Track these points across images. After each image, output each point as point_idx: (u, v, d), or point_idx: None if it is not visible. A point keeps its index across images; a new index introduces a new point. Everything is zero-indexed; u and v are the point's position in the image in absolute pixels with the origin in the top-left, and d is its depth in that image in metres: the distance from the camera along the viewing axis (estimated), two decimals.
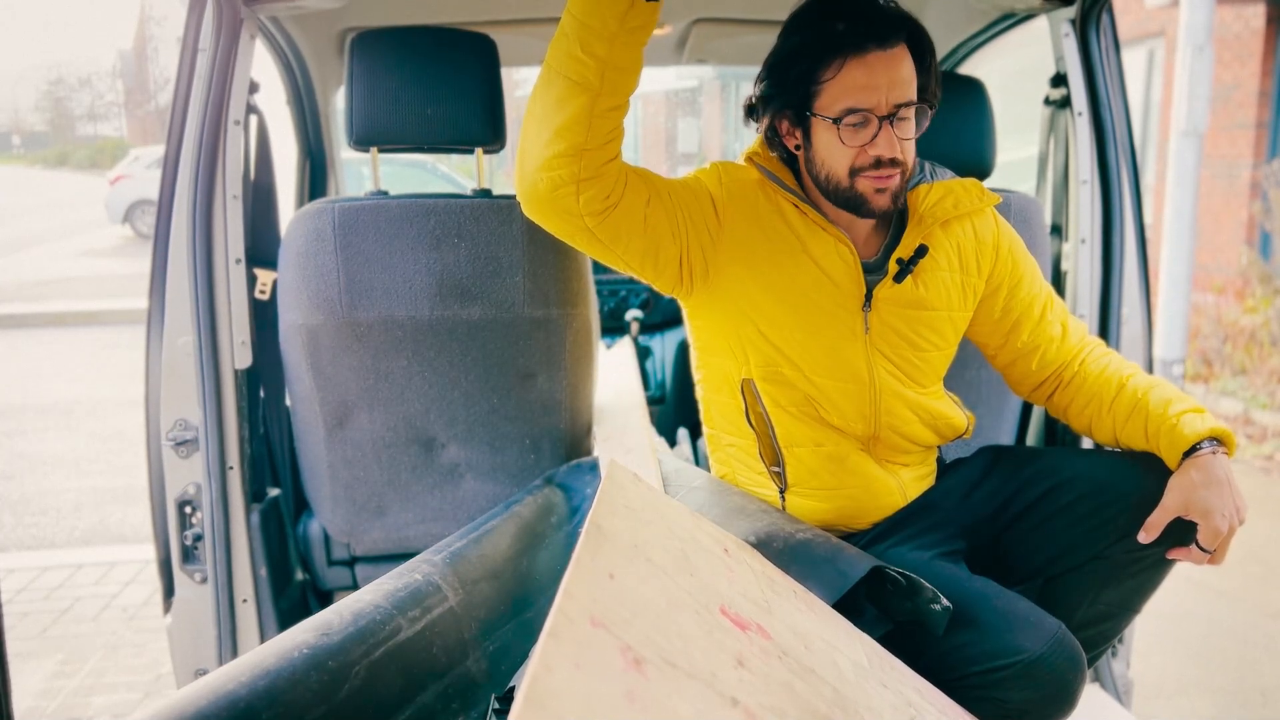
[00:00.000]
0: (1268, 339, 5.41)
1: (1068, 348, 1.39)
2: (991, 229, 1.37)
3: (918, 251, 1.30)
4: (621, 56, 1.03)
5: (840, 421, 1.32)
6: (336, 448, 1.65)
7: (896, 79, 1.17)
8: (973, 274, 1.35)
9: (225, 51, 1.51)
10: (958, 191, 1.33)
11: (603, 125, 1.07)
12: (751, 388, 1.33)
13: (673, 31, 2.30)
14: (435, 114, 1.54)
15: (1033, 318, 1.38)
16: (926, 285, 1.31)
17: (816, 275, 1.28)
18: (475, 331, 1.61)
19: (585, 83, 1.04)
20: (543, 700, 0.55)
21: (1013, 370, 1.43)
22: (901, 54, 1.18)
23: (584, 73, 1.04)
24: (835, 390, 1.31)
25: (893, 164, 1.20)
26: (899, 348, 1.32)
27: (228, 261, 1.53)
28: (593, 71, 1.03)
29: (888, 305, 1.30)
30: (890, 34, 1.16)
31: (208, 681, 0.97)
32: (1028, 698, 1.11)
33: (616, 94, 1.06)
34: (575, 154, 1.07)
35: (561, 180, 1.09)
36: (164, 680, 2.42)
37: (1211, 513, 1.17)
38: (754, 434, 1.37)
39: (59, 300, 8.83)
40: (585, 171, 1.08)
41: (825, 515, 1.36)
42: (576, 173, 1.08)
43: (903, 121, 1.20)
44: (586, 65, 1.03)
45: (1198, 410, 1.25)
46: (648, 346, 2.72)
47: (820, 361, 1.30)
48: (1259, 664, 2.54)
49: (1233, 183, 6.78)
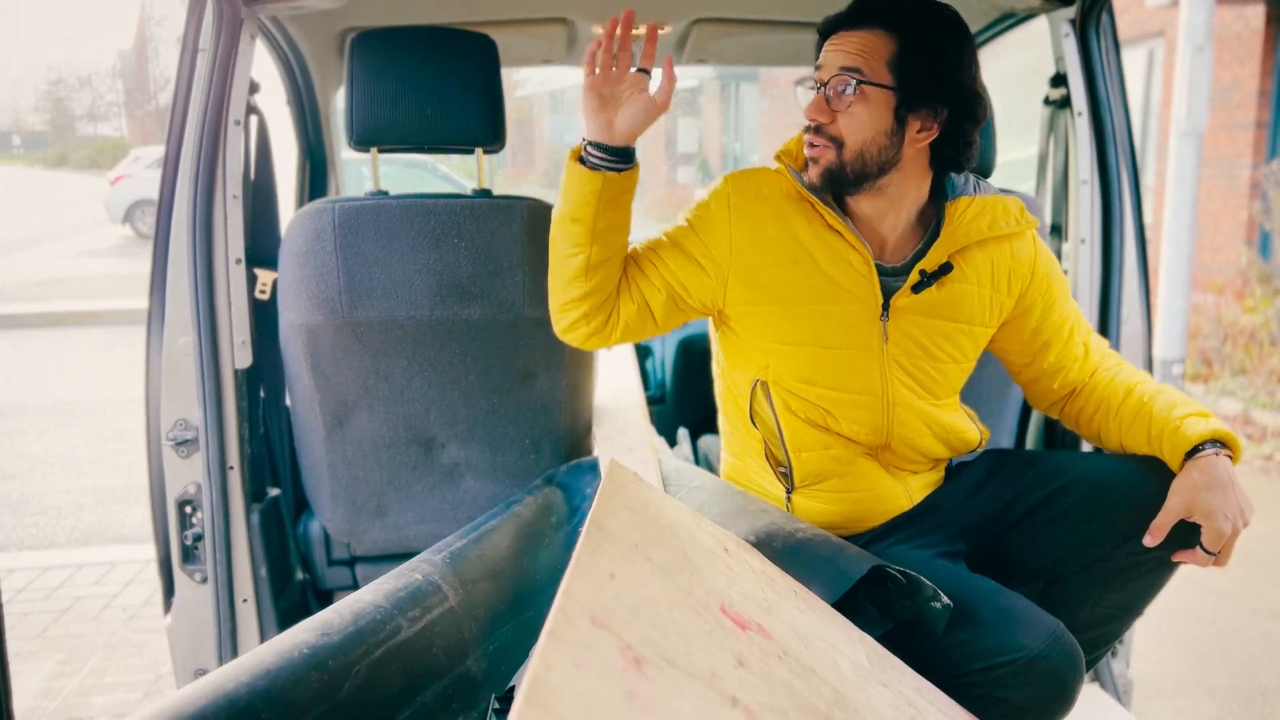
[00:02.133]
0: (1267, 339, 5.41)
1: (1088, 366, 1.39)
2: (1029, 250, 1.36)
3: (942, 268, 1.29)
4: (604, 221, 1.24)
5: (850, 431, 1.32)
6: (336, 447, 1.65)
7: (842, 52, 1.22)
8: (1003, 292, 1.34)
9: (225, 52, 1.51)
10: (996, 210, 1.31)
11: (597, 275, 1.27)
12: (764, 391, 1.34)
13: (672, 31, 2.30)
14: (435, 114, 1.54)
15: (1061, 339, 1.38)
16: (950, 295, 1.30)
17: (826, 287, 1.28)
18: (475, 331, 1.61)
19: (579, 244, 1.25)
20: (543, 700, 0.55)
21: (1035, 386, 1.43)
22: (865, 35, 1.21)
23: (576, 237, 1.25)
24: (847, 401, 1.31)
25: (816, 131, 1.24)
26: (916, 358, 1.31)
27: (228, 261, 1.53)
28: (583, 234, 1.24)
29: (906, 314, 1.29)
30: (863, 19, 1.22)
31: (208, 681, 0.97)
32: (1026, 695, 1.11)
33: (606, 250, 1.26)
34: (579, 299, 1.30)
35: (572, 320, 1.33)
36: (164, 680, 2.42)
37: (1214, 514, 1.16)
38: (759, 435, 1.37)
39: (59, 300, 8.83)
40: (588, 308, 1.31)
41: (830, 517, 1.36)
42: (585, 310, 1.31)
43: (839, 93, 1.21)
44: (577, 232, 1.25)
45: (1202, 414, 1.25)
46: (648, 346, 2.72)
47: (833, 374, 1.30)
48: (1259, 664, 2.54)
49: (1232, 183, 6.78)
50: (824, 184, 1.25)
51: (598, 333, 1.33)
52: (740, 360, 1.37)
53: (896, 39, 1.20)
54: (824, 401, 1.31)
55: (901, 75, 1.20)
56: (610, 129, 1.21)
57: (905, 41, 1.20)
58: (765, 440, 1.36)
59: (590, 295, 1.28)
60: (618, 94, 1.21)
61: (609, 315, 1.32)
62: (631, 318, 1.32)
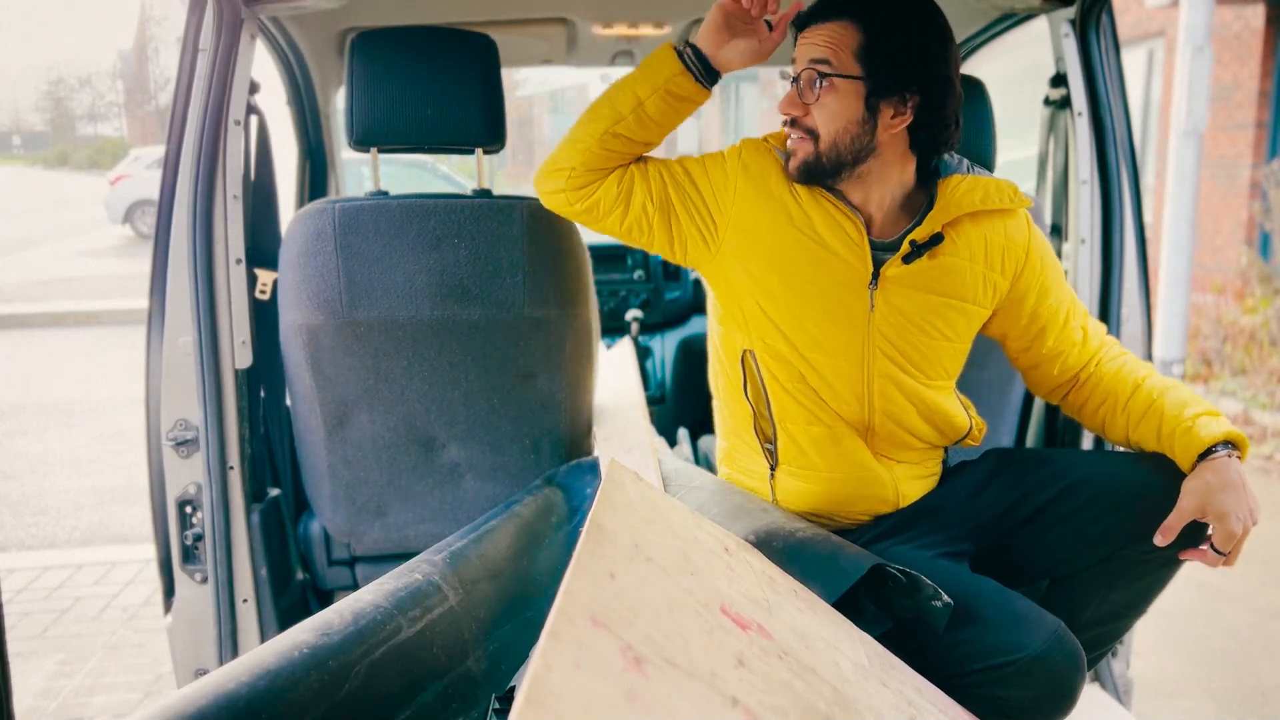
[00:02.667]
0: (1267, 339, 5.41)
1: (1088, 351, 1.39)
2: (1024, 232, 1.36)
3: (934, 238, 1.30)
4: (654, 108, 1.28)
5: (834, 401, 1.33)
6: (337, 448, 1.65)
7: (816, 44, 1.25)
8: (996, 270, 1.34)
9: (225, 51, 1.51)
10: (990, 187, 1.33)
11: (610, 144, 1.30)
12: (751, 359, 1.35)
13: (672, 31, 2.30)
14: (435, 114, 1.54)
15: (1058, 324, 1.38)
16: (942, 269, 1.31)
17: (818, 251, 1.29)
18: (475, 331, 1.61)
19: (616, 109, 1.29)
20: (543, 700, 0.55)
21: (1034, 373, 1.43)
22: (832, 26, 1.24)
23: (621, 100, 1.29)
24: (827, 367, 1.31)
25: (792, 124, 1.28)
26: (906, 331, 1.31)
27: (228, 261, 1.53)
28: (627, 104, 1.28)
29: (896, 286, 1.30)
30: (831, 11, 1.25)
31: (208, 681, 0.97)
32: (1028, 695, 1.11)
33: (632, 132, 1.29)
34: (580, 162, 1.32)
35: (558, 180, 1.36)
36: (164, 680, 2.42)
37: (1227, 515, 1.17)
38: (750, 409, 1.37)
39: (59, 300, 8.83)
40: (578, 168, 1.33)
41: (813, 499, 1.36)
42: (571, 167, 1.33)
43: (810, 85, 1.25)
44: (626, 97, 1.29)
45: (1213, 413, 1.25)
46: (648, 346, 2.72)
47: (814, 337, 1.31)
48: (1259, 664, 2.54)
49: (1232, 183, 6.78)
50: (801, 178, 1.30)
51: (566, 193, 1.36)
52: (730, 321, 1.38)
53: (862, 29, 1.23)
54: (804, 368, 1.32)
55: (869, 65, 1.23)
56: (719, 47, 1.28)
57: (871, 31, 1.22)
58: (754, 412, 1.37)
59: (588, 161, 1.32)
60: (741, 24, 1.28)
61: (589, 184, 1.34)
62: (606, 199, 1.34)
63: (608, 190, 1.34)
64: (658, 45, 1.34)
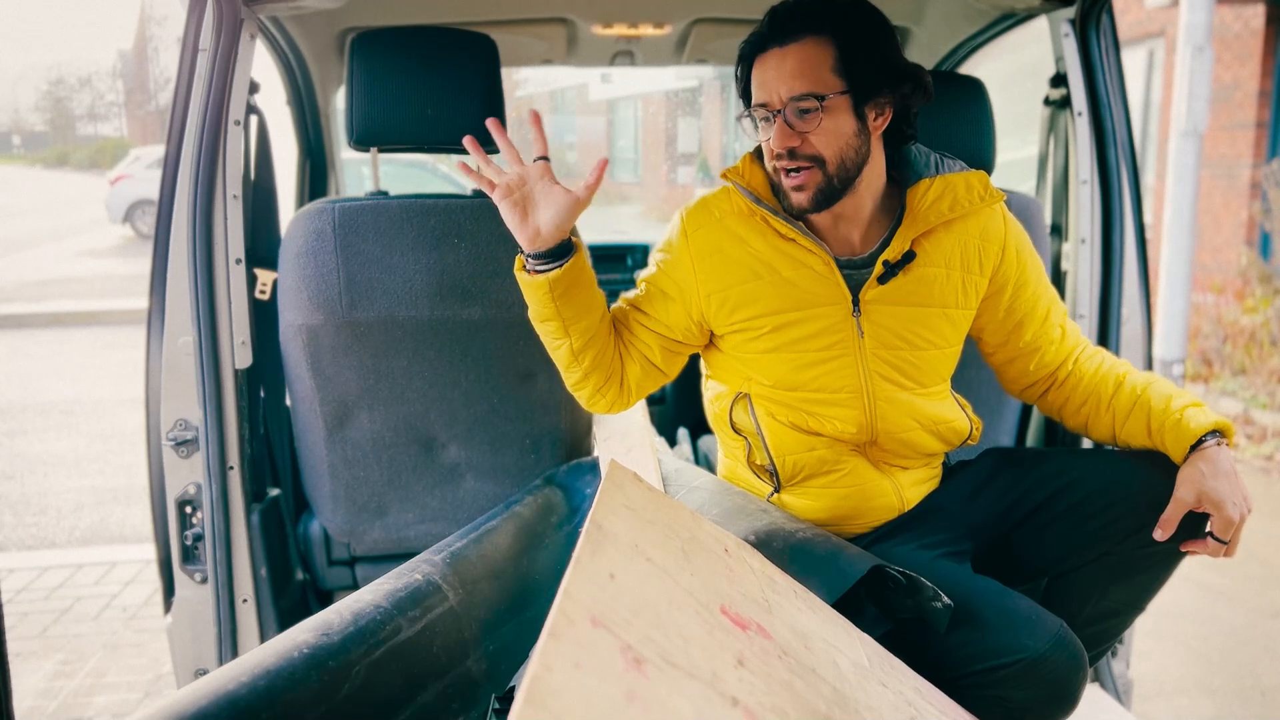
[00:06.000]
0: (1267, 339, 5.41)
1: (1065, 349, 1.39)
2: (999, 226, 1.36)
3: (905, 256, 1.29)
4: (568, 312, 1.28)
5: (836, 430, 1.32)
6: (337, 448, 1.65)
7: (786, 73, 1.20)
8: (975, 271, 1.34)
9: (225, 51, 1.51)
10: (958, 189, 1.30)
11: (587, 355, 1.32)
12: (746, 400, 1.35)
13: (672, 31, 2.30)
14: (435, 114, 1.54)
15: (1036, 319, 1.38)
16: (919, 281, 1.30)
17: (792, 294, 1.29)
18: (475, 331, 1.61)
19: (558, 337, 1.31)
20: (543, 700, 0.55)
21: (1009, 369, 1.43)
22: (801, 48, 1.19)
23: (552, 331, 1.31)
24: (830, 401, 1.31)
25: (790, 156, 1.22)
26: (896, 348, 1.31)
27: (228, 261, 1.53)
28: (556, 328, 1.30)
29: (878, 306, 1.30)
30: (789, 32, 1.20)
31: (208, 681, 0.97)
32: (1029, 696, 1.11)
33: (585, 334, 1.30)
34: (583, 378, 1.35)
35: (587, 395, 1.39)
36: (164, 680, 2.42)
37: (1224, 503, 1.18)
38: (745, 443, 1.38)
39: (59, 300, 8.83)
40: (597, 382, 1.36)
41: (818, 514, 1.36)
42: (594, 386, 1.37)
43: (802, 115, 1.20)
44: (551, 328, 1.31)
45: (1197, 404, 1.26)
46: None
47: (813, 377, 1.30)
48: (1259, 664, 2.54)
49: (1232, 183, 6.78)
50: (816, 206, 1.25)
51: (617, 400, 1.39)
52: (722, 374, 1.40)
53: (833, 42, 1.20)
54: (806, 405, 1.32)
55: (850, 75, 1.20)
56: (537, 236, 1.24)
57: (842, 42, 1.20)
58: (749, 445, 1.37)
59: (591, 373, 1.34)
60: (529, 195, 1.23)
61: (620, 383, 1.38)
62: (640, 377, 1.38)
63: (633, 371, 1.38)
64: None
